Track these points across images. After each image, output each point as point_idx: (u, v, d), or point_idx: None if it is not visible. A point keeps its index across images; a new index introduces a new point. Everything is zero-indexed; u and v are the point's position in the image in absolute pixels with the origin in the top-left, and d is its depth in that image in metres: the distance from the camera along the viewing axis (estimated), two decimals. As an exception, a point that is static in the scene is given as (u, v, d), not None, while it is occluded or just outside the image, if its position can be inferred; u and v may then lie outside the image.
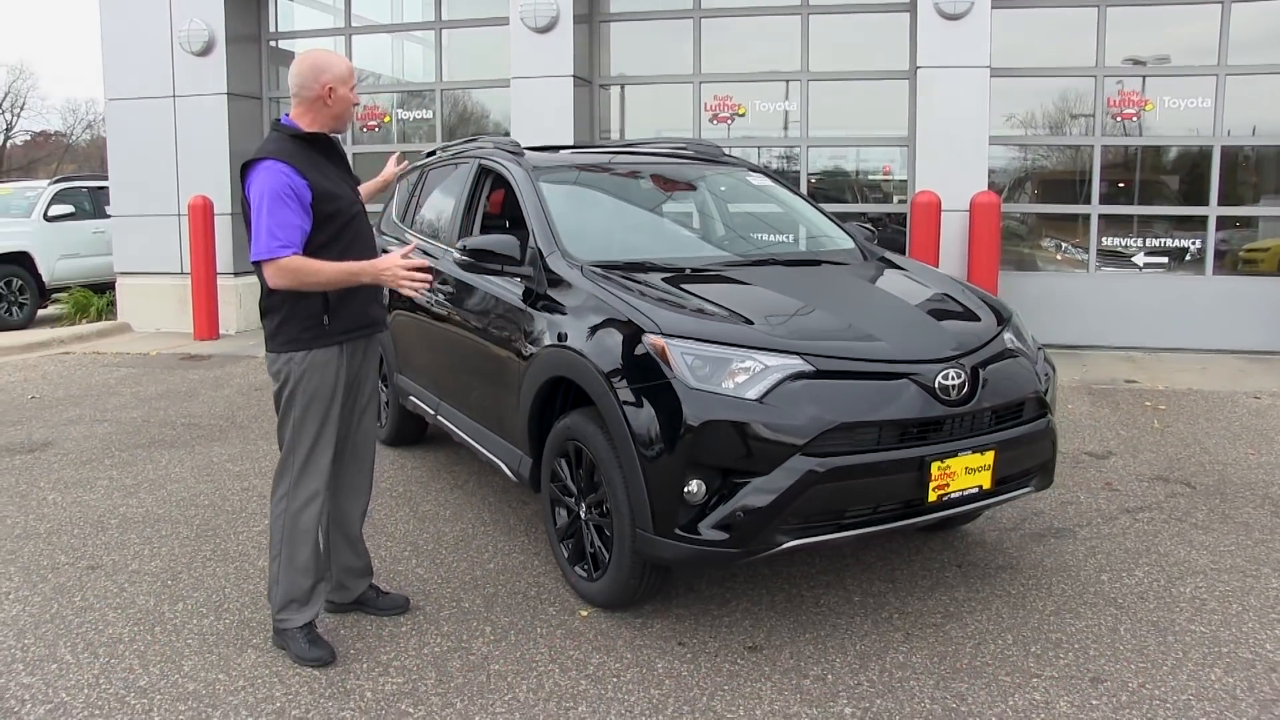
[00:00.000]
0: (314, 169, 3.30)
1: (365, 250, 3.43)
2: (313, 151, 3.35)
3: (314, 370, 3.34)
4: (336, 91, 3.35)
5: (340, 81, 3.36)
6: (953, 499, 3.43)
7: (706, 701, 3.12)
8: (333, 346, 3.37)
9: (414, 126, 11.38)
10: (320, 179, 3.29)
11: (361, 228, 3.45)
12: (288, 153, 3.29)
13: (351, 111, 3.45)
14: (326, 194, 3.28)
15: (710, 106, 10.31)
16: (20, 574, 4.19)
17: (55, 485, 5.41)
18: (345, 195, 3.37)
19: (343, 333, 3.38)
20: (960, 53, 8.81)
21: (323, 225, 3.28)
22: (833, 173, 10.53)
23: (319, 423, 3.36)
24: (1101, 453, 5.89)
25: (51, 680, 3.29)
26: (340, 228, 3.33)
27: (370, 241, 3.50)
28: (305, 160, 3.30)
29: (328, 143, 3.42)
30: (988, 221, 8.48)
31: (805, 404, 3.24)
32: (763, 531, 3.22)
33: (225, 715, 3.07)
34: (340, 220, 3.33)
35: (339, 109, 3.38)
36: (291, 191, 3.20)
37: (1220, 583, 3.99)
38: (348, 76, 3.39)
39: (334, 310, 3.34)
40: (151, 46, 10.78)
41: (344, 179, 3.43)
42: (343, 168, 3.47)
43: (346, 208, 3.35)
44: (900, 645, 3.48)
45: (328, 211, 3.28)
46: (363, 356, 3.53)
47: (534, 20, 9.80)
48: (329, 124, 3.40)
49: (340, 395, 3.41)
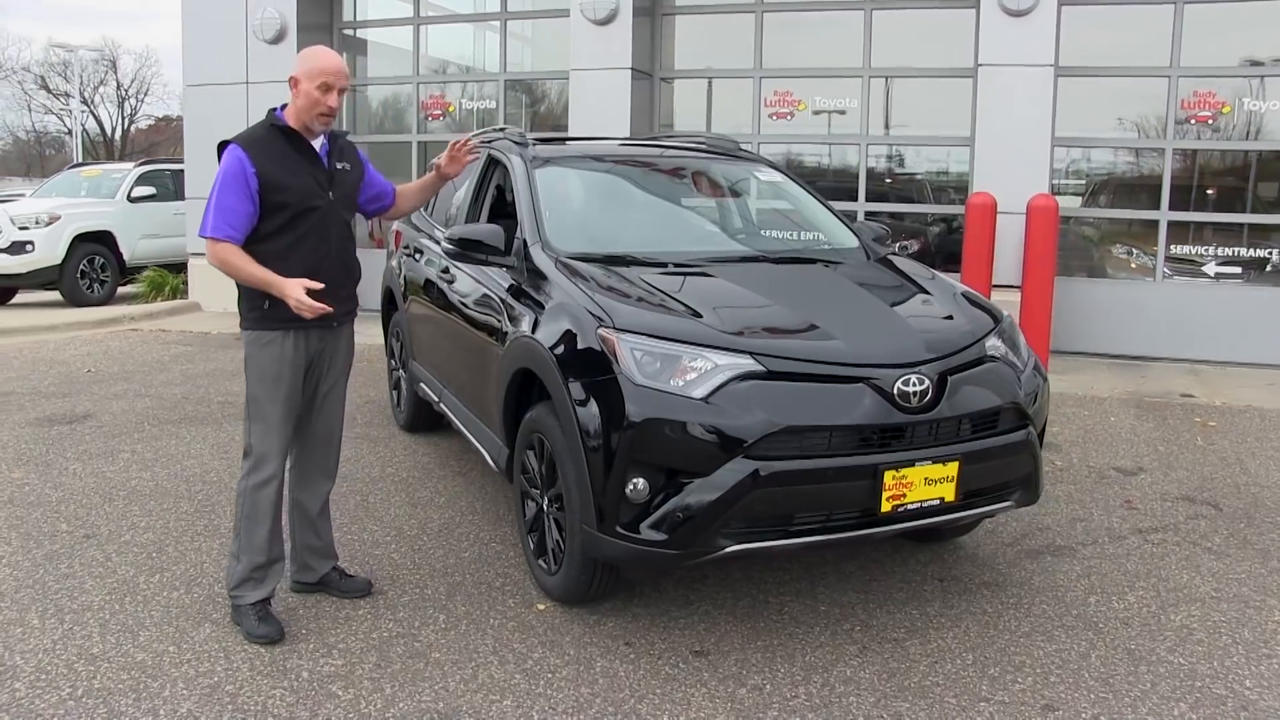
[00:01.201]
0: (272, 159, 3.35)
1: (322, 246, 3.46)
2: (285, 144, 3.41)
3: (258, 349, 3.45)
4: (300, 85, 3.38)
5: (306, 76, 3.37)
6: (910, 510, 3.29)
7: (633, 704, 3.07)
8: (276, 330, 3.44)
9: (477, 117, 11.50)
10: (273, 169, 3.33)
11: (320, 224, 3.45)
12: (253, 140, 3.39)
13: (316, 112, 3.38)
14: (274, 185, 3.33)
15: (770, 102, 10.16)
16: (19, 539, 4.37)
17: (80, 456, 5.63)
18: (300, 189, 3.39)
19: (285, 320, 3.40)
20: (1023, 50, 8.48)
21: (270, 214, 3.35)
22: (895, 172, 10.27)
23: (268, 402, 3.44)
24: (1131, 469, 5.61)
25: (12, 644, 3.41)
26: (289, 219, 3.37)
27: (335, 239, 3.51)
28: (268, 150, 3.37)
29: (300, 139, 3.43)
30: (1044, 225, 8.15)
31: (752, 405, 3.15)
32: (703, 534, 3.15)
33: (163, 687, 3.14)
34: (289, 212, 3.37)
35: (301, 103, 3.39)
36: (242, 177, 3.29)
37: (1216, 612, 3.76)
38: (315, 74, 3.37)
39: (275, 297, 3.39)
40: (227, 34, 11.13)
41: (311, 174, 3.44)
42: (314, 164, 3.47)
43: (297, 201, 3.38)
44: (852, 659, 3.36)
45: (275, 202, 3.34)
46: (320, 345, 3.56)
47: (593, 12, 9.80)
48: (297, 118, 3.42)
49: (288, 378, 3.46)
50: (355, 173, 3.67)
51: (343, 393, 3.75)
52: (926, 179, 10.23)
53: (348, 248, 3.63)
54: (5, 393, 7.23)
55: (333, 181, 3.53)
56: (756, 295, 3.69)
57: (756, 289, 3.75)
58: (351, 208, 3.69)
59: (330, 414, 3.71)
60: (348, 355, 3.74)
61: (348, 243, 3.63)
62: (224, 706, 3.03)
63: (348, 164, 3.63)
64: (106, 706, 3.02)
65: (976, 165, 8.78)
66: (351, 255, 3.66)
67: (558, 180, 4.55)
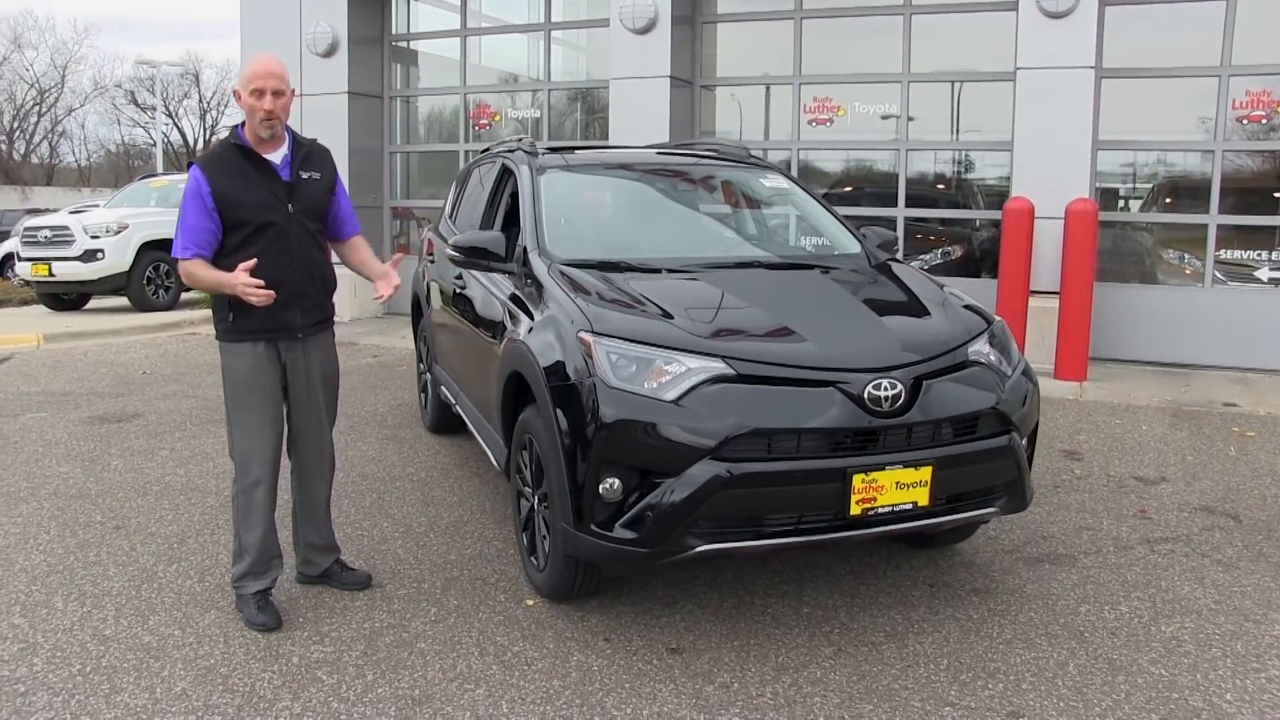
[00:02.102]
0: (228, 176, 3.45)
1: (283, 258, 3.52)
2: (242, 160, 3.50)
3: (230, 360, 3.62)
4: (240, 97, 3.48)
5: (241, 85, 3.47)
6: (882, 515, 3.32)
7: (600, 697, 3.15)
8: (244, 342, 3.57)
9: (523, 125, 11.71)
10: (227, 185, 3.43)
11: (281, 236, 3.52)
12: (209, 159, 3.53)
13: (257, 119, 3.44)
14: (230, 200, 3.43)
15: (810, 108, 10.17)
16: (57, 528, 4.63)
17: (124, 452, 5.91)
18: (255, 203, 3.47)
19: (252, 331, 3.55)
20: (1063, 52, 8.37)
21: (231, 230, 3.48)
22: (936, 177, 10.20)
23: (245, 409, 3.60)
24: (1154, 478, 5.52)
25: (37, 623, 3.64)
26: (250, 234, 3.48)
27: (298, 250, 3.56)
28: (223, 167, 3.48)
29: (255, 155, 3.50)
30: (1083, 230, 8.03)
31: (720, 408, 3.22)
32: (672, 533, 3.22)
33: (163, 667, 3.32)
34: (248, 228, 3.47)
35: (246, 114, 3.49)
36: (200, 196, 3.43)
37: (1212, 625, 3.70)
38: (246, 81, 3.45)
39: (237, 308, 3.52)
40: (283, 49, 11.48)
41: (268, 188, 3.50)
42: (271, 178, 3.51)
43: (255, 216, 3.47)
44: (825, 661, 3.40)
45: (233, 219, 3.46)
46: (290, 355, 3.65)
47: (632, 21, 9.93)
48: (251, 133, 3.50)
49: (262, 385, 3.59)
50: (324, 181, 3.70)
51: (325, 404, 3.82)
52: (968, 184, 10.13)
53: (315, 257, 3.66)
54: (67, 393, 7.61)
55: (293, 193, 3.56)
56: (738, 300, 3.76)
57: (740, 294, 3.81)
58: (317, 217, 3.68)
59: (312, 422, 3.79)
60: (324, 365, 3.79)
61: (315, 253, 3.67)
62: (215, 687, 3.20)
63: (316, 173, 3.66)
64: (110, 683, 3.21)
65: (1015, 169, 8.67)
66: (320, 266, 3.69)
67: (561, 188, 4.66)
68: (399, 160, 12.40)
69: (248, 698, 3.14)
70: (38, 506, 4.92)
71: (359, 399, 7.42)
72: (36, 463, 5.68)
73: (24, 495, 5.10)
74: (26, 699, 3.11)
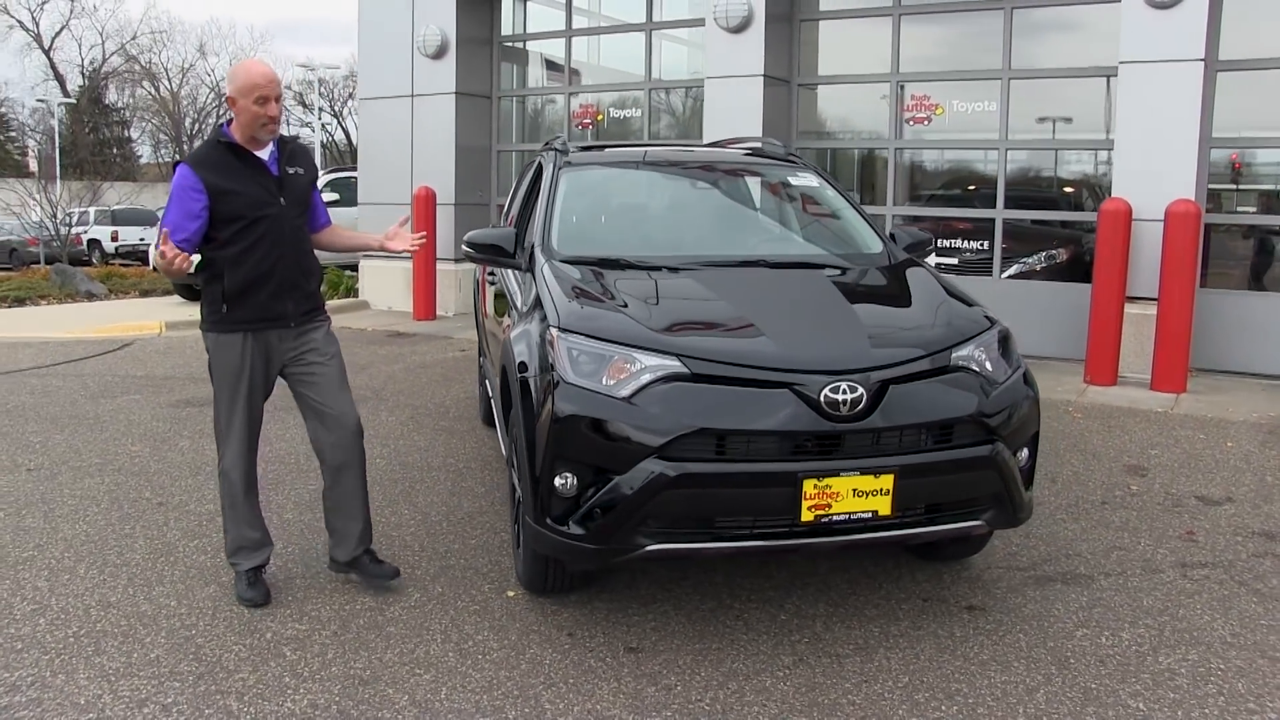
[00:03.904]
0: (221, 173, 3.55)
1: (274, 250, 3.63)
2: (232, 158, 3.60)
3: (218, 350, 3.72)
4: (237, 103, 3.55)
5: (241, 93, 3.52)
6: (837, 523, 3.22)
7: (539, 690, 3.18)
8: (235, 333, 3.67)
9: (624, 125, 11.81)
10: (222, 182, 3.54)
11: (273, 229, 3.63)
12: (201, 158, 3.62)
13: (260, 124, 3.55)
14: (224, 196, 3.53)
15: (908, 107, 9.87)
16: (109, 502, 4.98)
17: (193, 434, 6.29)
18: (249, 198, 3.58)
19: (243, 322, 3.65)
20: (1169, 45, 7.83)
21: (224, 224, 3.57)
22: (1037, 176, 9.73)
23: (229, 398, 3.73)
24: (1218, 498, 5.12)
25: (57, 588, 3.93)
26: (242, 228, 3.58)
27: (289, 243, 3.67)
28: (214, 165, 3.57)
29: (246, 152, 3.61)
30: (1184, 233, 7.50)
31: (669, 406, 3.19)
32: (619, 531, 3.22)
33: (149, 634, 3.54)
34: (241, 222, 3.57)
35: (243, 120, 3.57)
36: (188, 193, 3.52)
37: (1218, 659, 3.42)
38: (249, 90, 3.51)
39: (231, 300, 3.63)
40: (396, 51, 11.99)
41: (259, 183, 3.62)
42: (262, 173, 3.63)
43: (249, 210, 3.58)
44: (781, 670, 3.32)
45: (226, 213, 3.55)
46: (281, 345, 3.74)
47: (726, 20, 9.87)
48: (242, 133, 3.60)
49: (246, 376, 3.70)
50: (308, 176, 3.80)
51: (337, 377, 3.84)
52: (1073, 184, 9.61)
53: (304, 249, 3.78)
54: (166, 377, 8.15)
55: (283, 187, 3.68)
56: (717, 300, 3.71)
57: (723, 293, 3.76)
58: (304, 211, 3.80)
59: (327, 400, 3.82)
60: (326, 354, 3.82)
61: (303, 244, 3.78)
62: (186, 654, 3.39)
63: (300, 168, 3.77)
64: (95, 646, 3.45)
65: (1116, 169, 8.18)
66: (308, 258, 3.80)
67: (580, 185, 4.70)
68: (506, 159, 12.70)
69: (210, 667, 3.31)
70: (99, 481, 5.30)
71: (430, 392, 7.66)
72: (114, 441, 6.11)
73: (91, 470, 5.50)
74: (19, 656, 3.37)
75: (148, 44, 55.54)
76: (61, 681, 3.21)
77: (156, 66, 56.43)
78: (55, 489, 5.17)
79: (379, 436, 6.24)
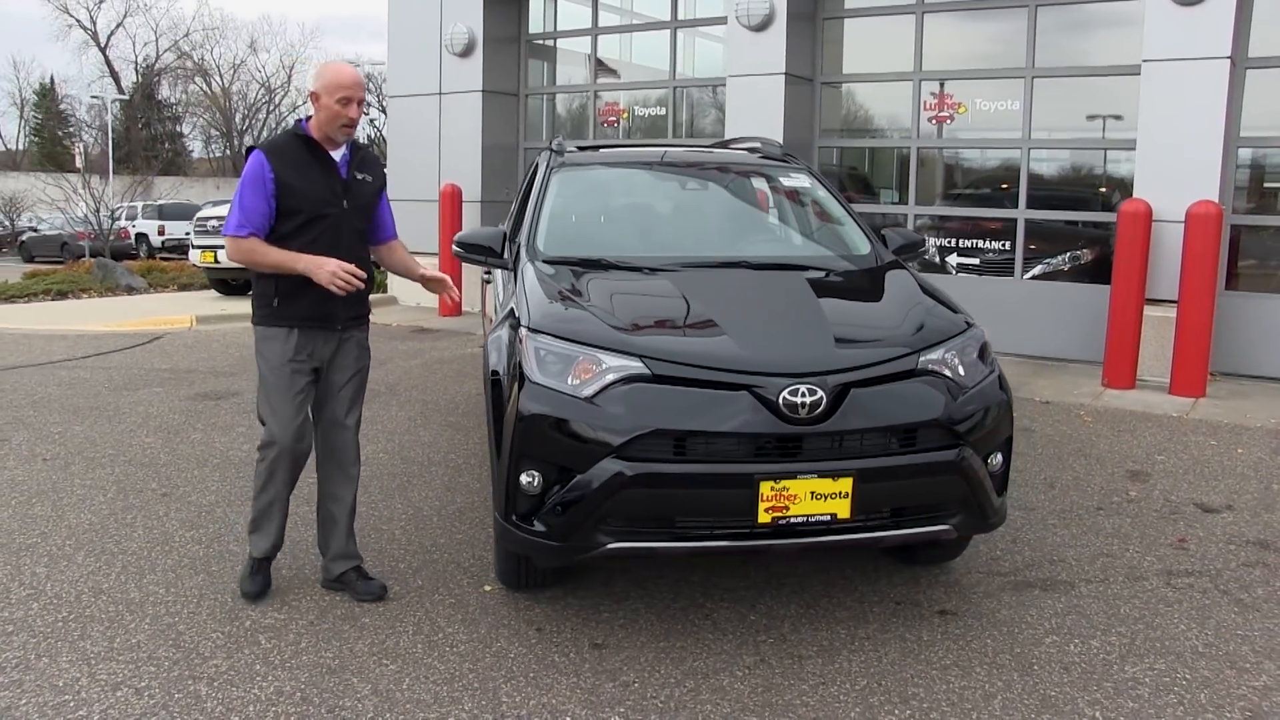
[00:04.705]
0: (291, 165, 3.61)
1: (332, 251, 3.63)
2: (305, 152, 3.67)
3: (265, 344, 3.74)
4: (320, 100, 3.62)
5: (326, 90, 3.60)
6: (795, 525, 3.24)
7: (498, 684, 3.24)
8: (281, 328, 3.70)
9: (649, 122, 11.85)
10: (290, 174, 3.59)
11: (332, 230, 3.67)
12: (274, 147, 3.68)
13: (339, 124, 3.63)
14: (290, 189, 3.59)
15: (930, 105, 9.80)
16: (116, 492, 5.14)
17: (206, 427, 6.46)
18: (314, 195, 3.63)
19: (292, 318, 3.68)
20: (1194, 43, 7.70)
21: (285, 217, 3.62)
22: (1060, 176, 9.61)
23: (274, 390, 3.71)
24: (1217, 506, 5.05)
25: (55, 574, 4.08)
26: (302, 224, 3.62)
27: (346, 245, 3.68)
28: (287, 157, 3.63)
29: (320, 149, 3.67)
30: (1205, 235, 7.37)
31: (628, 407, 3.23)
32: (579, 529, 3.27)
33: (133, 620, 3.66)
34: (301, 217, 3.61)
35: (322, 116, 3.64)
36: (261, 180, 3.58)
37: (1187, 669, 3.39)
38: (334, 89, 3.60)
39: (283, 295, 3.67)
40: (424, 49, 12.14)
41: (326, 182, 3.67)
42: (331, 173, 3.69)
43: (311, 207, 3.62)
44: (740, 670, 3.35)
45: (289, 206, 3.60)
46: (325, 346, 3.76)
47: (748, 18, 9.87)
48: (319, 130, 3.67)
49: (291, 370, 3.69)
50: (375, 184, 3.87)
51: (351, 395, 3.89)
52: (1096, 183, 9.47)
53: (359, 254, 3.80)
54: (189, 370, 8.35)
55: (348, 190, 3.74)
56: (685, 301, 3.74)
57: (694, 295, 3.78)
58: (367, 217, 3.86)
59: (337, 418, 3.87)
60: (358, 360, 3.89)
61: (360, 249, 3.82)
62: (165, 640, 3.50)
63: (369, 175, 3.83)
64: (81, 630, 3.57)
65: (1138, 169, 8.06)
66: (363, 263, 3.79)
67: (571, 185, 4.76)
68: (533, 157, 12.79)
69: (187, 653, 3.42)
70: (109, 472, 5.47)
71: (443, 388, 7.77)
72: (130, 433, 6.29)
73: (104, 461, 5.67)
74: (8, 639, 3.51)
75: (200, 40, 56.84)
76: (45, 664, 3.33)
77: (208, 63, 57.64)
78: (67, 478, 5.34)
79: (385, 432, 6.36)
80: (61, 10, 53.63)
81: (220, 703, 3.12)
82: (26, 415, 6.73)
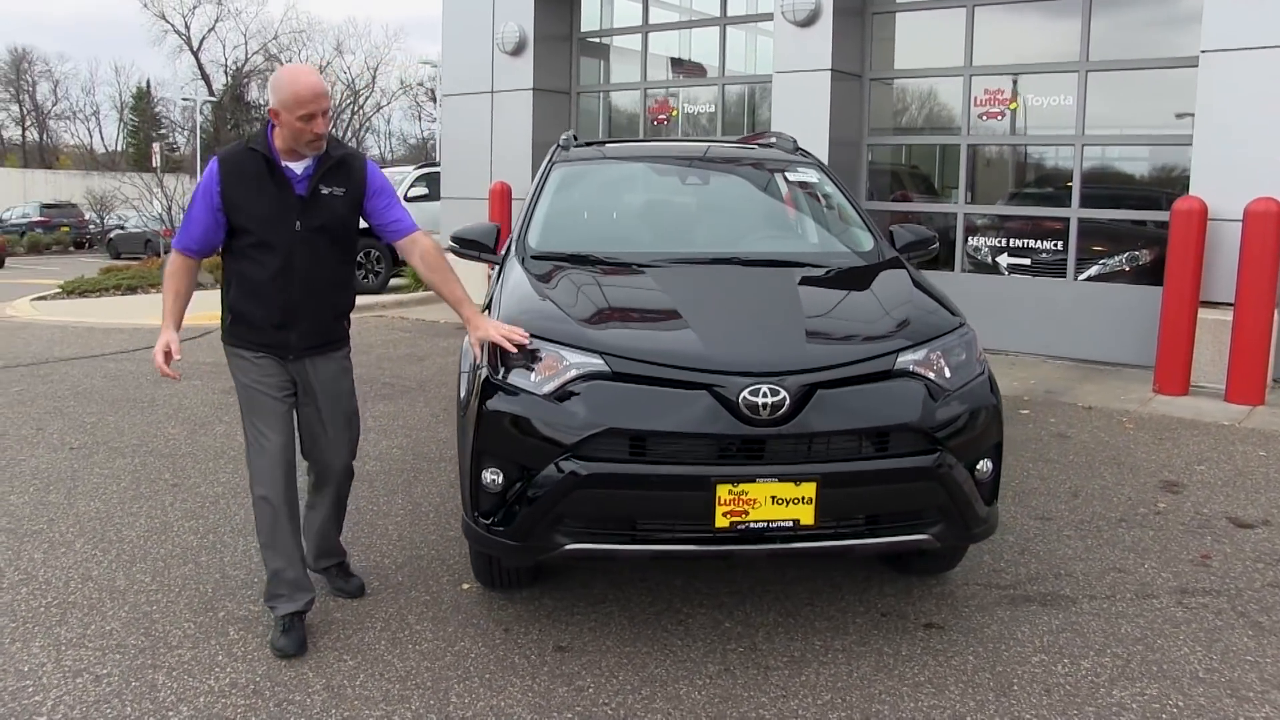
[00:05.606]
0: (241, 181, 3.29)
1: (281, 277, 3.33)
2: (260, 166, 3.31)
3: (233, 362, 3.49)
4: (280, 116, 3.26)
5: (285, 108, 3.22)
6: (755, 530, 3.12)
7: (451, 683, 3.20)
8: (240, 348, 3.44)
9: (698, 120, 11.73)
10: (238, 191, 3.28)
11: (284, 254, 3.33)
12: (230, 158, 3.35)
13: (304, 140, 3.27)
14: (235, 206, 3.30)
15: (980, 101, 9.49)
16: (130, 481, 5.24)
17: (232, 420, 6.54)
18: (259, 216, 3.31)
19: (242, 341, 3.43)
20: (1256, 31, 7.29)
21: (236, 234, 3.35)
22: (1116, 174, 9.21)
23: (249, 411, 3.46)
24: (1253, 521, 4.75)
25: (51, 561, 4.17)
26: (253, 243, 3.33)
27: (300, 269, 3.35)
28: (239, 169, 3.30)
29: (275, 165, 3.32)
30: (1264, 233, 6.98)
31: (586, 405, 3.16)
32: (535, 529, 3.20)
33: (112, 608, 3.72)
34: (251, 238, 3.33)
35: (288, 134, 3.28)
36: (209, 193, 3.31)
37: (1181, 695, 3.17)
38: (293, 106, 3.21)
39: (237, 315, 3.42)
40: (476, 47, 12.21)
41: (278, 201, 3.32)
42: (284, 190, 3.32)
43: (258, 228, 3.31)
44: (701, 679, 3.24)
45: (237, 223, 3.33)
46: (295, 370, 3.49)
47: (793, 14, 9.69)
48: (282, 143, 3.32)
49: (261, 394, 3.42)
50: (349, 196, 3.43)
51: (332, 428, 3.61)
52: (1154, 181, 9.05)
53: (321, 278, 3.42)
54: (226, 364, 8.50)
55: (305, 210, 3.34)
56: (659, 297, 3.64)
57: (671, 291, 3.68)
58: (335, 234, 3.44)
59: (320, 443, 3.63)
60: (334, 387, 3.58)
61: (322, 273, 3.42)
62: (138, 629, 3.54)
63: (339, 188, 3.40)
64: (60, 616, 3.64)
65: (1194, 165, 7.67)
66: (329, 288, 3.46)
67: (571, 181, 4.70)
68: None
69: (155, 642, 3.45)
70: (128, 461, 5.59)
71: (473, 383, 7.78)
72: (158, 425, 6.43)
73: (127, 451, 5.80)
74: (-11, 622, 3.59)
75: (287, 43, 57.98)
76: (17, 649, 3.40)
77: (295, 65, 59.05)
78: (87, 467, 5.47)
79: (405, 428, 6.39)
80: (158, 16, 55.58)
81: (173, 692, 3.13)
82: (67, 405, 6.94)
